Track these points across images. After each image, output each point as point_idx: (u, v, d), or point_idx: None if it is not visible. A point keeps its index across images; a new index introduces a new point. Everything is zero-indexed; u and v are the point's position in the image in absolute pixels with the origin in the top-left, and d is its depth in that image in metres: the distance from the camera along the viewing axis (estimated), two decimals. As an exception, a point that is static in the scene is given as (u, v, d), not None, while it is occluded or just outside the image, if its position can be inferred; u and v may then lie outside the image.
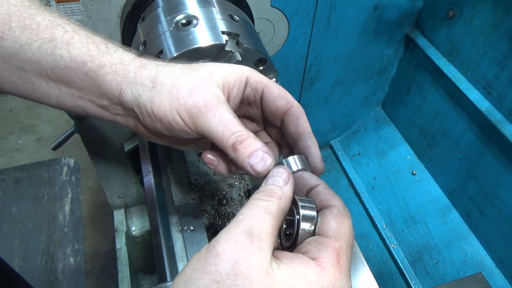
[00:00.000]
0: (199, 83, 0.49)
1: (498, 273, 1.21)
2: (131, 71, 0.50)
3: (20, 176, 1.39)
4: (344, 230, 0.42)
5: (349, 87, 1.48)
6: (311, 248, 0.40)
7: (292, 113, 0.52)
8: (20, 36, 0.48)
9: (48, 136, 2.57)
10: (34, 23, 0.49)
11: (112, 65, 0.50)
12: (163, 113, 0.49)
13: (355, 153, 1.65)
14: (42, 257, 1.21)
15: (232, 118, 0.48)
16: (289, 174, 0.45)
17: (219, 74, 0.51)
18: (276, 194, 0.42)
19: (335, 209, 0.43)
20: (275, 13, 1.04)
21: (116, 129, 1.08)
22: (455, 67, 1.27)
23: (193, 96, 0.48)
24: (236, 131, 0.47)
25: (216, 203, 1.02)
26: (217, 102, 0.48)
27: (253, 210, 0.40)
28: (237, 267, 0.35)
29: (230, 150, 0.47)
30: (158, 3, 0.82)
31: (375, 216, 1.46)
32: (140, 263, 1.34)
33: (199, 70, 0.51)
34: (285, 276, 0.36)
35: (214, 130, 0.47)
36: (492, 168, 1.20)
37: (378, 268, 1.40)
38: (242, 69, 0.53)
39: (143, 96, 0.49)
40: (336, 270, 0.38)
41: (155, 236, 0.82)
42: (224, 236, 0.37)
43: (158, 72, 0.50)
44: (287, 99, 0.52)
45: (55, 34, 0.49)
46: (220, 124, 0.47)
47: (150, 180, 0.91)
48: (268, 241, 0.38)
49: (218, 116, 0.48)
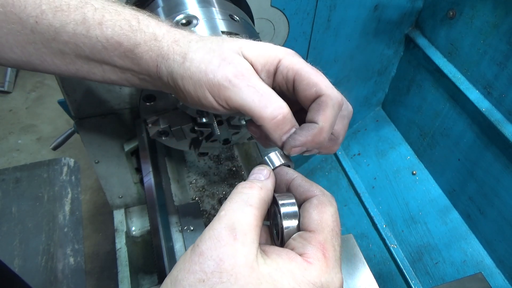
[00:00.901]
0: (228, 57, 0.47)
1: (498, 273, 1.21)
2: (164, 47, 0.49)
3: (20, 176, 1.39)
4: (326, 219, 0.41)
5: (349, 87, 1.48)
6: (296, 244, 0.40)
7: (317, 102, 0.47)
8: (53, 20, 0.48)
9: (48, 136, 2.57)
10: (64, 4, 0.48)
11: (146, 42, 0.49)
12: (193, 88, 0.47)
13: (355, 153, 1.65)
14: (42, 257, 1.21)
15: (268, 88, 0.46)
16: (269, 171, 0.46)
17: (250, 52, 0.48)
18: (256, 185, 0.42)
19: (314, 199, 0.43)
20: (275, 13, 1.04)
21: (116, 129, 1.08)
22: (455, 67, 1.27)
23: (222, 69, 0.46)
24: (275, 102, 0.45)
25: (216, 203, 1.02)
26: (248, 73, 0.46)
27: (233, 204, 0.40)
28: (221, 265, 0.35)
29: (269, 123, 0.45)
30: (158, 3, 0.82)
31: (375, 216, 1.46)
32: (140, 263, 1.33)
33: (230, 43, 0.49)
34: (270, 271, 0.36)
35: (249, 101, 0.45)
36: (492, 168, 1.20)
37: (378, 268, 1.40)
38: (276, 51, 0.49)
39: (174, 71, 0.48)
40: (322, 264, 0.38)
41: (155, 236, 0.82)
42: (207, 234, 0.37)
43: (190, 47, 0.48)
44: (318, 86, 0.46)
45: (86, 14, 0.49)
46: (256, 95, 0.45)
47: (150, 180, 0.91)
48: (252, 234, 0.38)
49: (252, 86, 0.45)
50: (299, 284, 0.36)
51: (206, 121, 0.79)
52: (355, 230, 1.51)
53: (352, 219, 1.53)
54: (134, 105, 1.03)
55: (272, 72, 0.48)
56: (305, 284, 0.36)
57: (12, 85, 2.85)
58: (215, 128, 0.78)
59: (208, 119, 0.79)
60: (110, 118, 1.04)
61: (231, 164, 1.13)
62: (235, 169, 1.11)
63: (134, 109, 1.05)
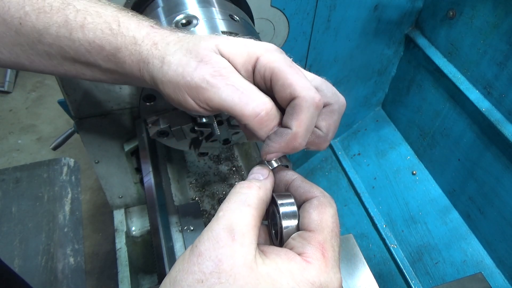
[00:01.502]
0: (205, 57, 0.45)
1: (498, 273, 1.21)
2: (143, 51, 0.48)
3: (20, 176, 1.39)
4: (326, 220, 0.41)
5: (349, 87, 1.48)
6: (295, 243, 0.40)
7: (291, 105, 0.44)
8: (37, 22, 0.48)
9: (48, 136, 2.57)
10: (47, 5, 0.48)
11: (127, 46, 0.49)
12: (173, 92, 0.46)
13: (355, 153, 1.65)
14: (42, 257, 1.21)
15: (249, 84, 0.44)
16: (268, 171, 0.46)
17: (227, 49, 0.46)
18: (255, 185, 0.42)
19: (315, 200, 0.43)
20: (275, 13, 1.04)
21: (116, 129, 1.08)
22: (455, 67, 1.27)
23: (199, 71, 0.44)
24: (257, 99, 0.43)
25: (216, 203, 1.02)
26: (226, 72, 0.44)
27: (231, 205, 0.40)
28: (220, 265, 0.35)
29: (252, 121, 0.43)
30: (158, 3, 0.82)
31: (375, 216, 1.46)
32: (140, 263, 1.34)
33: (207, 42, 0.46)
34: (269, 271, 0.36)
35: (229, 100, 0.43)
36: (492, 168, 1.20)
37: (378, 268, 1.40)
38: (254, 48, 0.46)
39: (154, 75, 0.48)
40: (321, 263, 0.38)
41: (155, 236, 0.82)
42: (206, 235, 0.37)
43: (168, 50, 0.47)
44: (291, 88, 0.43)
45: (68, 16, 0.48)
46: (236, 93, 0.43)
47: (150, 180, 0.91)
48: (250, 234, 0.38)
49: (231, 85, 0.43)
50: (298, 283, 0.36)
51: (206, 121, 0.79)
52: (355, 230, 1.51)
53: (352, 219, 1.53)
54: (134, 105, 1.03)
55: (251, 70, 0.46)
56: (304, 284, 0.36)
57: (12, 85, 2.85)
58: (215, 128, 0.78)
59: (208, 119, 0.79)
60: (110, 118, 1.04)
61: (231, 164, 1.13)
62: (235, 169, 1.11)
63: (134, 109, 1.05)
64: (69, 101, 0.97)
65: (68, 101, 0.97)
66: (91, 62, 0.51)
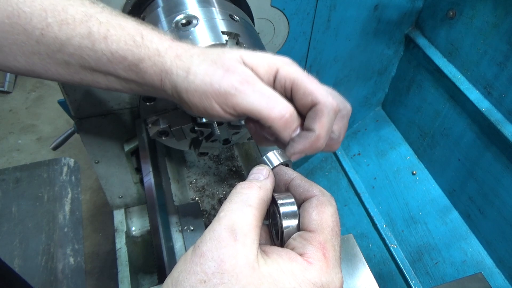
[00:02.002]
0: (231, 66, 0.48)
1: (498, 273, 1.21)
2: (167, 62, 0.50)
3: (20, 176, 1.39)
4: (326, 219, 0.41)
5: (349, 87, 1.48)
6: (296, 244, 0.40)
7: (313, 110, 0.48)
8: (59, 32, 0.49)
9: (48, 136, 2.57)
10: (69, 17, 0.49)
11: (150, 57, 0.50)
12: (199, 100, 0.49)
13: (355, 153, 1.65)
14: (42, 257, 1.21)
15: (273, 91, 0.48)
16: (268, 171, 0.47)
17: (250, 60, 0.50)
18: (255, 185, 0.43)
19: (314, 199, 0.43)
20: (275, 13, 1.04)
21: (116, 129, 1.08)
22: (455, 67, 1.27)
23: (227, 79, 0.48)
24: (282, 103, 0.47)
25: (216, 203, 1.02)
26: (253, 79, 0.48)
27: (233, 205, 0.40)
28: (222, 265, 0.35)
29: (278, 122, 0.47)
30: (158, 3, 0.82)
31: (375, 216, 1.46)
32: (140, 263, 1.34)
33: (230, 54, 0.50)
34: (271, 271, 0.37)
35: (256, 105, 0.47)
36: (492, 168, 1.20)
37: (378, 268, 1.40)
38: (274, 60, 0.51)
39: (178, 85, 0.50)
40: (322, 264, 0.38)
41: (155, 236, 0.82)
42: (208, 235, 0.37)
43: (192, 62, 0.50)
44: (313, 95, 0.48)
45: (91, 28, 0.50)
46: (263, 98, 0.47)
47: (150, 180, 0.91)
48: (252, 234, 0.38)
49: (258, 91, 0.47)
50: (300, 284, 0.36)
51: (206, 121, 0.79)
52: (355, 230, 1.51)
53: (352, 219, 1.53)
54: (134, 105, 1.03)
55: (272, 80, 0.50)
56: (305, 284, 0.37)
57: (12, 85, 2.85)
58: (215, 128, 0.78)
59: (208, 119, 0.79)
60: (110, 118, 1.04)
61: (231, 164, 1.13)
62: (235, 169, 1.11)
63: (134, 109, 1.05)
64: (69, 101, 0.97)
65: (68, 101, 0.97)
66: (110, 71, 0.52)
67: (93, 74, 0.54)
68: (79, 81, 0.55)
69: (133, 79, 0.53)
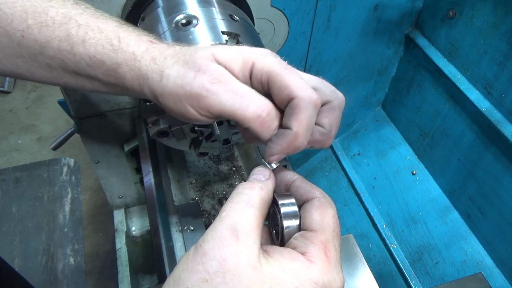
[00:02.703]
0: (202, 66, 0.46)
1: (498, 273, 1.21)
2: (143, 67, 0.49)
3: (20, 176, 1.39)
4: (328, 220, 0.42)
5: (349, 87, 1.48)
6: (298, 243, 0.40)
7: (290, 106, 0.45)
8: (39, 35, 0.49)
9: (48, 136, 2.57)
10: (49, 19, 0.49)
11: (127, 62, 0.49)
12: (173, 104, 0.47)
13: (355, 153, 1.65)
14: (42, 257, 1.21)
15: (248, 88, 0.45)
16: (269, 171, 0.46)
17: (223, 57, 0.47)
18: (257, 185, 0.42)
19: (315, 201, 0.43)
20: (275, 13, 1.04)
21: (116, 129, 1.08)
22: (455, 67, 1.27)
23: (198, 79, 0.45)
24: (257, 101, 0.44)
25: (216, 203, 1.02)
26: (224, 78, 0.45)
27: (235, 205, 0.40)
28: (224, 265, 0.35)
29: (254, 123, 0.44)
30: (158, 3, 0.82)
31: (375, 216, 1.46)
32: (140, 263, 1.34)
33: (203, 52, 0.47)
34: (273, 271, 0.37)
35: (229, 105, 0.44)
36: (492, 168, 1.20)
37: (378, 268, 1.40)
38: (249, 53, 0.47)
39: (154, 89, 0.49)
40: (324, 263, 0.38)
41: (155, 236, 0.82)
42: (210, 234, 0.38)
43: (165, 64, 0.48)
44: (289, 89, 0.44)
45: (69, 31, 0.49)
46: (236, 97, 0.44)
47: (150, 180, 0.91)
48: (254, 234, 0.38)
49: (230, 90, 0.44)
50: (302, 283, 0.37)
51: (206, 121, 0.79)
52: (355, 230, 1.51)
53: (352, 219, 1.53)
54: (134, 105, 1.03)
55: (248, 76, 0.47)
56: (307, 283, 0.37)
57: (12, 85, 2.85)
58: (215, 128, 0.78)
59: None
60: (110, 118, 1.04)
61: (231, 164, 1.13)
62: (235, 169, 1.11)
63: (134, 109, 1.05)
64: (69, 101, 0.97)
65: (68, 101, 0.97)
66: (92, 75, 0.52)
67: (77, 78, 0.53)
68: (65, 84, 0.54)
69: (114, 84, 0.52)
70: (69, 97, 0.96)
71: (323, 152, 1.74)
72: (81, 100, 0.97)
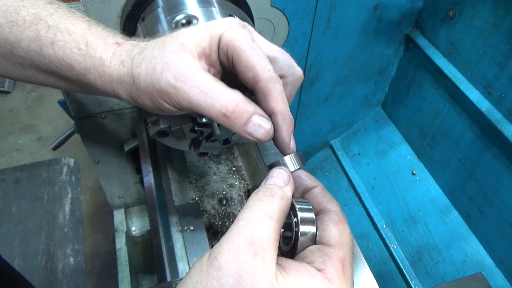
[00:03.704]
0: (169, 61, 0.45)
1: (498, 273, 1.21)
2: (113, 72, 0.48)
3: (20, 176, 1.39)
4: (346, 236, 0.41)
5: (349, 87, 1.48)
6: (316, 258, 0.39)
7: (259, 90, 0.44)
8: (9, 34, 0.48)
9: (48, 136, 2.57)
10: (20, 19, 0.48)
11: (95, 67, 0.48)
12: (150, 102, 0.47)
13: (355, 153, 1.65)
14: (42, 257, 1.21)
15: (214, 83, 0.43)
16: (289, 176, 0.44)
17: (191, 43, 0.45)
18: (277, 194, 0.40)
19: (334, 215, 0.42)
20: (275, 13, 1.04)
21: (116, 129, 1.08)
22: (455, 67, 1.27)
23: (164, 76, 0.44)
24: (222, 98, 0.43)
25: (216, 203, 1.02)
26: (190, 73, 0.44)
27: (253, 214, 0.38)
28: (241, 282, 0.34)
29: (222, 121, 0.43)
30: (158, 3, 0.82)
31: (375, 216, 1.46)
32: (140, 263, 1.34)
33: (170, 45, 0.46)
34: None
35: (195, 103, 0.43)
36: (492, 168, 1.20)
37: (378, 268, 1.40)
38: (216, 26, 0.46)
39: (129, 92, 0.48)
40: (342, 281, 0.38)
41: (155, 236, 0.82)
42: (226, 246, 0.36)
43: (133, 64, 0.47)
44: (254, 71, 0.44)
45: (39, 32, 0.48)
46: (201, 95, 0.43)
47: (150, 180, 0.91)
48: (271, 249, 0.36)
49: (195, 86, 0.43)
50: None
51: (206, 121, 0.79)
52: (355, 230, 1.51)
53: (352, 219, 1.53)
54: (134, 105, 1.03)
55: (216, 52, 0.46)
56: None
57: (12, 85, 2.85)
58: (215, 128, 0.78)
59: (208, 119, 0.79)
60: (110, 118, 1.04)
61: (231, 164, 1.12)
62: (235, 169, 1.11)
63: (134, 109, 1.05)
64: (69, 101, 0.97)
65: (68, 101, 0.97)
66: (62, 76, 0.51)
67: (50, 78, 0.52)
68: (40, 83, 0.54)
69: (86, 86, 0.51)
70: (69, 97, 0.96)
71: (323, 152, 1.74)
72: (81, 100, 0.97)
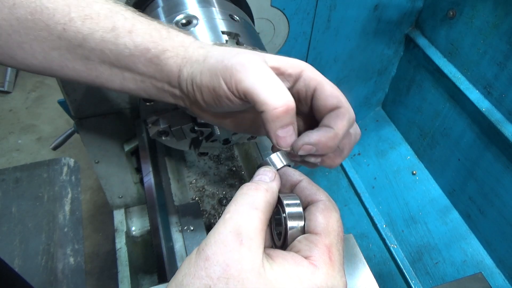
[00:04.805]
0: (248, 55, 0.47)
1: (498, 273, 1.21)
2: (189, 51, 0.50)
3: (20, 176, 1.39)
4: (332, 224, 0.41)
5: (349, 87, 1.48)
6: (302, 246, 0.40)
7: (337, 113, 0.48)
8: (82, 27, 0.49)
9: (48, 136, 2.57)
10: (93, 13, 0.49)
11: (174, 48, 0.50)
12: (209, 79, 0.48)
13: (355, 153, 1.65)
14: (42, 257, 1.21)
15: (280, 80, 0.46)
16: (274, 173, 0.46)
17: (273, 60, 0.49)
18: (262, 187, 0.42)
19: (321, 204, 0.43)
20: (275, 13, 1.04)
21: (116, 129, 1.08)
22: (455, 67, 1.27)
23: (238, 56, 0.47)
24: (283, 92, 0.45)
25: (216, 203, 1.02)
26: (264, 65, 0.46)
27: (239, 207, 0.39)
28: (228, 270, 0.35)
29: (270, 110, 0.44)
30: (158, 3, 0.82)
31: (375, 216, 1.46)
32: (140, 263, 1.34)
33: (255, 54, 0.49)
34: (277, 277, 0.36)
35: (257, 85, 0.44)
36: (492, 168, 1.20)
37: (378, 268, 1.40)
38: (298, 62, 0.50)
39: (195, 69, 0.49)
40: (329, 267, 0.38)
41: (155, 236, 0.82)
42: (213, 238, 0.37)
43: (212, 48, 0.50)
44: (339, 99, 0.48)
45: (116, 23, 0.50)
46: (267, 79, 0.45)
47: (150, 180, 0.91)
48: (258, 238, 0.37)
49: (265, 72, 0.45)
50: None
51: (206, 121, 0.79)
52: (355, 230, 1.51)
53: (352, 219, 1.53)
54: (134, 105, 1.03)
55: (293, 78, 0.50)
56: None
57: (12, 85, 2.85)
58: (215, 128, 0.78)
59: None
60: (110, 118, 1.04)
61: (231, 164, 1.12)
62: (235, 169, 1.11)
63: (134, 109, 1.05)
64: (69, 101, 0.97)
65: (68, 101, 0.97)
66: (129, 66, 0.52)
67: (111, 70, 0.53)
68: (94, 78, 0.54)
69: (150, 75, 0.52)
70: (69, 97, 0.95)
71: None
72: (81, 100, 0.97)
